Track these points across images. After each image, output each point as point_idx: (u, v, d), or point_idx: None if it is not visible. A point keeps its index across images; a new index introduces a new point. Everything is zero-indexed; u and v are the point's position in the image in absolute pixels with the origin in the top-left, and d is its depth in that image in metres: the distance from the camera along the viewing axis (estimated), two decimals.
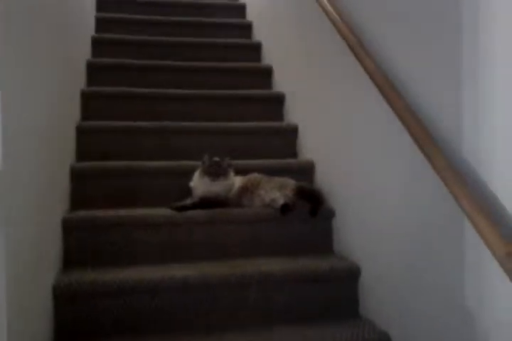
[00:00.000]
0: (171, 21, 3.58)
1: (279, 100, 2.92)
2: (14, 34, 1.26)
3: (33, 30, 1.52)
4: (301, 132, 2.65)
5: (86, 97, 2.67)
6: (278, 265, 1.93)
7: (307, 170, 2.43)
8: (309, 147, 2.53)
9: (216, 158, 2.17)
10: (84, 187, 2.22)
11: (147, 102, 2.75)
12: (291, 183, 2.17)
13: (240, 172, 2.26)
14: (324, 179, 2.31)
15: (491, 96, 1.24)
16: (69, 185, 2.19)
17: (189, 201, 2.14)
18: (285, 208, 2.07)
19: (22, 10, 1.39)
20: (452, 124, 1.38)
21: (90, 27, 3.26)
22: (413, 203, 1.59)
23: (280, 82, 3.03)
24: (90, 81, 2.89)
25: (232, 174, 2.20)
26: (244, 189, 2.18)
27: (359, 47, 1.81)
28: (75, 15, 2.52)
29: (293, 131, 2.68)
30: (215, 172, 2.13)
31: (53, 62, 1.83)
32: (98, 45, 3.18)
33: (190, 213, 2.05)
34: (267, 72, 3.17)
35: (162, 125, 2.56)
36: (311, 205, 2.10)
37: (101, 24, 3.43)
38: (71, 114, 2.34)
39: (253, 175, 2.25)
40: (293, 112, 2.78)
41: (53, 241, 1.79)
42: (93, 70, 2.91)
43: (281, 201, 2.08)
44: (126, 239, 1.99)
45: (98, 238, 1.97)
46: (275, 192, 2.12)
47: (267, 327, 1.80)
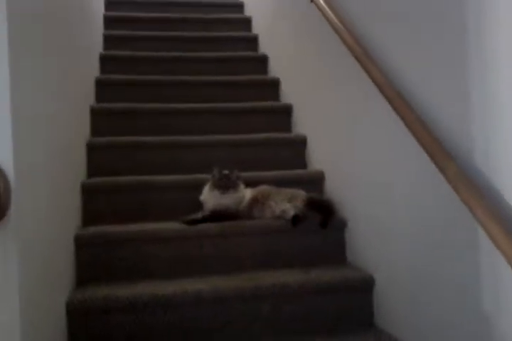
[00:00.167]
0: (178, 36, 3.62)
1: (287, 111, 2.93)
2: (29, 56, 1.29)
3: (47, 51, 1.55)
4: (309, 143, 2.65)
5: (95, 113, 2.69)
6: (291, 277, 1.92)
7: (317, 181, 2.42)
8: (318, 157, 2.53)
9: (225, 171, 2.17)
10: (95, 202, 2.23)
11: (156, 117, 2.77)
12: (301, 194, 2.17)
13: (250, 184, 2.26)
14: (334, 189, 2.31)
15: (500, 104, 1.23)
16: (80, 201, 2.20)
17: (200, 214, 2.14)
18: (296, 219, 2.06)
19: (37, 32, 1.41)
20: (462, 133, 1.38)
21: (98, 44, 3.30)
22: (426, 212, 1.58)
23: (287, 94, 3.04)
24: (99, 97, 2.92)
25: (242, 186, 2.20)
26: (254, 201, 2.18)
27: (365, 57, 1.81)
28: (85, 34, 2.56)
29: (301, 142, 2.68)
30: (225, 185, 2.14)
31: (64, 79, 1.86)
32: (106, 62, 3.21)
33: (201, 226, 2.05)
34: (274, 84, 3.19)
35: (171, 139, 2.57)
36: (322, 216, 2.09)
37: (109, 41, 3.47)
38: (81, 131, 2.36)
39: (263, 187, 2.24)
40: (301, 123, 2.79)
41: (66, 257, 1.80)
42: (102, 87, 2.94)
43: (291, 212, 2.07)
44: (138, 254, 1.99)
45: (110, 253, 1.97)
46: (285, 203, 2.11)
47: (284, 339, 1.79)
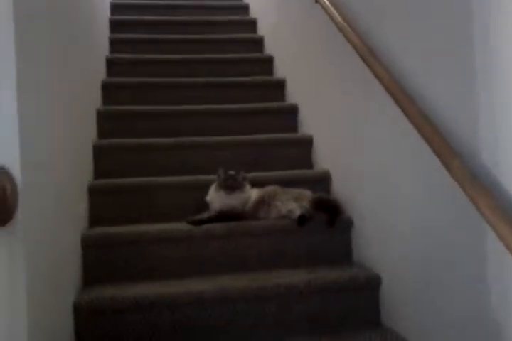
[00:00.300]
0: (183, 39, 3.63)
1: (293, 112, 2.93)
2: (35, 57, 1.30)
3: (54, 53, 1.56)
4: (315, 142, 2.64)
5: (102, 116, 2.70)
6: (297, 276, 1.92)
7: (324, 181, 2.42)
8: (325, 157, 2.52)
9: (231, 172, 2.17)
10: (102, 204, 2.24)
11: (162, 119, 2.78)
12: (307, 194, 2.16)
13: (257, 184, 2.26)
14: (341, 189, 2.30)
15: (508, 101, 1.22)
16: (87, 203, 2.21)
17: (206, 215, 2.14)
18: (302, 219, 2.06)
19: (42, 34, 1.43)
20: (470, 131, 1.37)
21: (105, 48, 3.32)
22: (432, 211, 1.57)
23: (293, 94, 3.04)
24: (105, 100, 2.94)
25: (248, 187, 2.20)
26: (260, 201, 2.18)
27: (370, 56, 1.81)
28: (90, 37, 2.57)
29: (308, 142, 2.68)
30: (231, 185, 2.14)
31: (71, 82, 1.87)
32: (112, 65, 3.23)
33: (206, 227, 2.05)
34: (280, 85, 3.19)
35: (178, 141, 2.58)
36: (329, 216, 2.09)
37: (115, 45, 3.49)
38: (88, 133, 2.38)
39: (269, 188, 2.24)
40: (307, 123, 2.78)
41: (73, 258, 1.81)
42: (108, 89, 2.96)
43: (298, 212, 2.07)
44: (144, 254, 1.99)
45: (117, 254, 1.98)
46: (292, 203, 2.11)
47: (290, 338, 1.79)
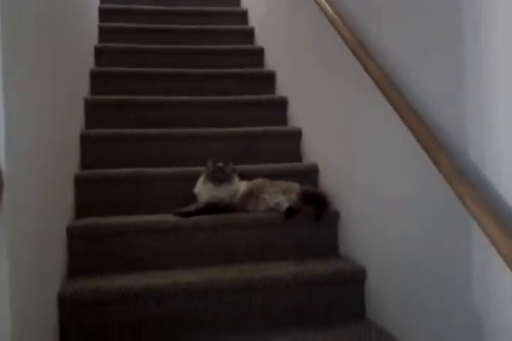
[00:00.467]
0: (174, 29, 3.60)
1: (283, 104, 2.92)
2: (21, 45, 1.27)
3: (40, 42, 1.54)
4: (304, 136, 2.64)
5: (90, 105, 2.68)
6: (284, 269, 1.92)
7: (312, 174, 2.42)
8: (313, 150, 2.52)
9: (220, 164, 2.17)
10: (89, 194, 2.22)
11: (151, 109, 2.76)
12: (295, 187, 2.17)
13: (245, 176, 2.25)
14: (329, 182, 2.30)
15: (495, 97, 1.23)
16: (74, 193, 2.19)
17: (193, 207, 2.13)
18: (290, 212, 2.06)
19: (29, 21, 1.40)
20: (457, 127, 1.37)
21: (94, 36, 3.28)
22: (418, 204, 1.57)
23: (283, 87, 3.03)
24: (94, 89, 2.91)
25: (236, 179, 2.20)
26: (248, 194, 2.18)
27: (360, 49, 1.80)
28: (79, 25, 2.54)
29: (297, 135, 2.68)
30: (219, 177, 2.13)
31: (58, 70, 1.85)
32: (101, 54, 3.19)
33: (194, 219, 2.05)
34: (270, 77, 3.18)
35: (166, 132, 2.56)
36: (316, 209, 2.09)
37: (104, 33, 3.45)
38: (75, 122, 2.35)
39: (258, 180, 2.24)
40: (296, 116, 2.78)
41: (58, 248, 1.79)
42: (96, 79, 2.93)
43: (285, 205, 2.07)
44: (131, 246, 1.98)
45: (103, 245, 1.97)
46: (280, 196, 2.11)
47: (277, 330, 1.79)
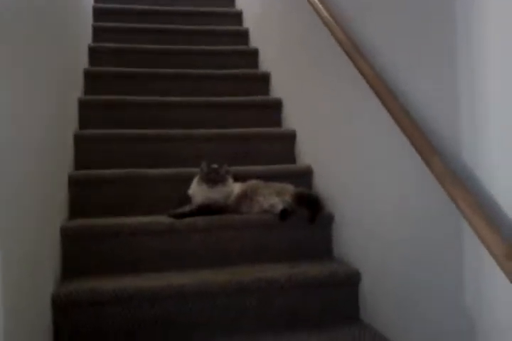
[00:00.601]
0: (168, 29, 3.59)
1: (277, 106, 2.92)
2: (12, 44, 1.27)
3: (34, 40, 1.53)
4: (298, 137, 2.65)
5: (83, 105, 2.67)
6: (278, 271, 1.92)
7: (306, 176, 2.42)
8: (307, 152, 2.53)
9: (214, 165, 2.17)
10: (82, 195, 2.21)
11: (145, 110, 2.75)
12: (289, 189, 2.17)
13: (239, 178, 2.25)
14: (323, 184, 2.31)
15: (487, 100, 1.24)
16: (67, 194, 2.18)
17: (187, 208, 2.13)
18: (284, 213, 2.06)
19: (23, 21, 1.39)
20: (451, 130, 1.38)
21: (88, 36, 3.27)
22: (412, 207, 1.58)
23: (277, 88, 3.03)
24: (87, 89, 2.90)
25: (230, 181, 2.19)
26: (243, 195, 2.17)
27: (355, 51, 1.81)
28: (73, 25, 2.53)
29: (291, 137, 2.68)
30: (213, 179, 2.13)
31: (52, 71, 1.84)
32: (95, 54, 3.18)
33: (188, 220, 2.04)
34: (265, 78, 3.18)
35: (160, 132, 2.56)
36: (310, 211, 2.10)
37: (98, 33, 3.44)
38: (69, 123, 2.34)
39: (252, 182, 2.24)
40: (291, 118, 2.78)
41: (52, 250, 1.78)
42: (90, 79, 2.92)
43: (280, 206, 2.07)
44: (125, 247, 1.98)
45: (97, 246, 1.96)
46: (274, 197, 2.11)
47: (271, 332, 1.79)
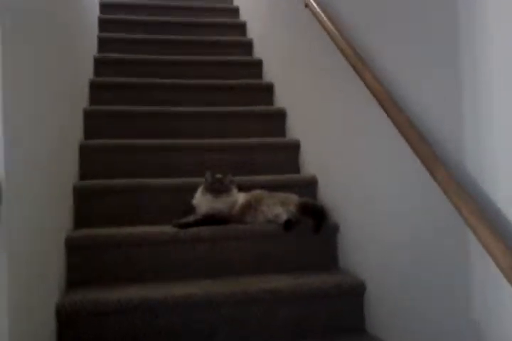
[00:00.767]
0: (173, 40, 3.61)
1: (281, 116, 2.93)
2: (22, 56, 1.28)
3: (43, 53, 1.54)
4: (303, 147, 2.65)
5: (89, 116, 2.68)
6: (283, 282, 1.91)
7: (310, 185, 2.42)
8: (311, 162, 2.53)
9: (218, 175, 2.17)
10: (87, 205, 2.22)
11: (149, 120, 2.76)
12: (294, 199, 2.17)
13: (243, 188, 2.25)
14: (327, 194, 2.31)
15: (491, 110, 1.24)
16: (72, 204, 2.19)
17: (192, 218, 2.12)
18: (288, 224, 2.06)
19: (33, 35, 1.41)
20: (455, 139, 1.38)
21: (93, 47, 3.29)
22: (418, 218, 1.58)
23: (281, 98, 3.04)
24: (93, 99, 2.92)
25: (235, 190, 2.20)
26: (247, 205, 2.17)
27: (358, 61, 1.82)
28: (81, 36, 2.55)
29: (295, 147, 2.68)
30: (218, 189, 2.13)
31: (58, 82, 1.85)
32: (101, 65, 3.21)
33: (192, 230, 2.04)
34: (269, 89, 3.19)
35: (164, 143, 2.56)
36: (314, 222, 2.09)
37: (103, 44, 3.47)
38: (74, 133, 2.35)
39: (256, 192, 2.24)
40: (295, 127, 2.79)
41: (57, 260, 1.78)
42: (95, 89, 2.94)
43: (284, 217, 2.07)
44: (129, 257, 1.98)
45: (101, 256, 1.96)
46: (278, 207, 2.11)
47: None
